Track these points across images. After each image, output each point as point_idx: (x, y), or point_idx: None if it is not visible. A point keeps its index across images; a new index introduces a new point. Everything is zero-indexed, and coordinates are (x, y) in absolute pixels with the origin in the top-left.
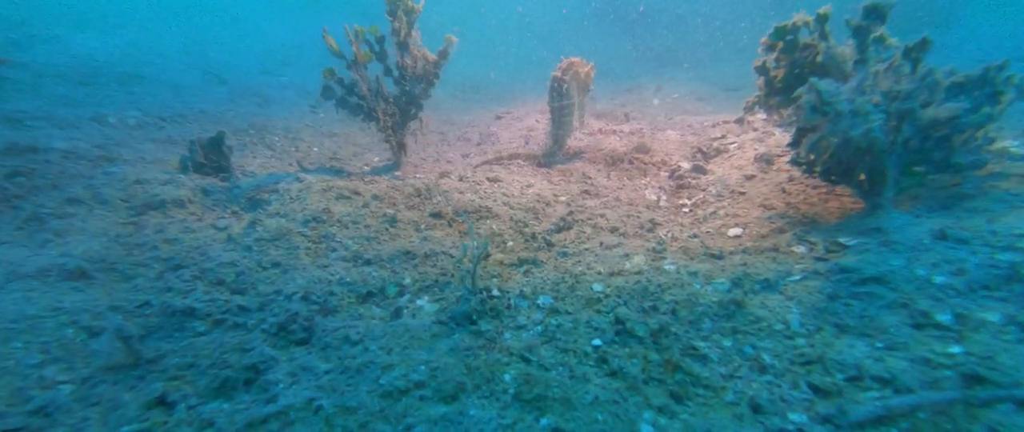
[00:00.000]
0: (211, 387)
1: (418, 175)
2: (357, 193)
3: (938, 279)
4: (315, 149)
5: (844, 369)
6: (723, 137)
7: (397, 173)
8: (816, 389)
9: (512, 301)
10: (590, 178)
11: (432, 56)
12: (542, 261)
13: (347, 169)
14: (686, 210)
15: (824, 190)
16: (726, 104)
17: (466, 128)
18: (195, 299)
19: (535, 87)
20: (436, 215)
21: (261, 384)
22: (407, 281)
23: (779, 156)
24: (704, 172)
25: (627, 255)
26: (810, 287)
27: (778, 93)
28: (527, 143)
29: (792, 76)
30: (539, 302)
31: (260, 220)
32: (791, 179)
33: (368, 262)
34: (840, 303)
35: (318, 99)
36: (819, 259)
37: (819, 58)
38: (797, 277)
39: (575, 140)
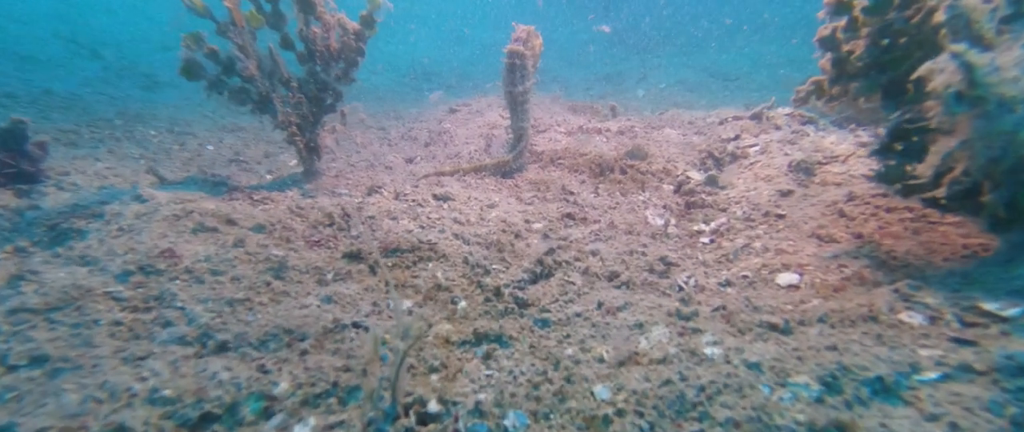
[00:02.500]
0: None
1: (339, 191)
2: (231, 222)
3: None
4: (210, 147)
5: None
6: (738, 138)
7: (309, 186)
8: None
9: (463, 424)
10: (573, 193)
11: (353, 24)
12: (511, 337)
13: (235, 180)
14: (706, 240)
15: (908, 215)
16: (722, 95)
17: (414, 123)
18: None
19: (496, 76)
20: (353, 257)
21: None
22: (282, 387)
23: (821, 163)
24: (721, 185)
25: (640, 325)
26: (965, 397)
27: (855, 76)
28: (489, 146)
29: (878, 50)
30: (507, 424)
31: (36, 272)
32: (850, 198)
33: (223, 348)
34: None
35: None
36: (959, 340)
37: (939, 16)
38: (933, 375)
39: (550, 141)
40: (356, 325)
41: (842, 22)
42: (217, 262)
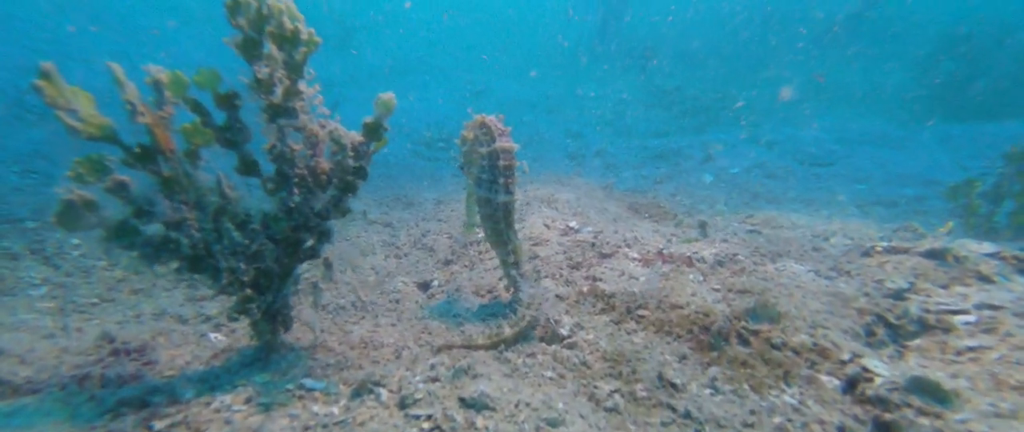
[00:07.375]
0: None
1: (312, 386)
2: None
3: None
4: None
5: None
6: (915, 289)
7: (266, 377)
8: None
9: None
10: (676, 388)
11: (352, 136)
12: None
13: (155, 346)
14: None
15: None
16: (817, 188)
17: (430, 221)
18: None
19: (538, 144)
20: None
21: None
22: None
23: None
24: (939, 396)
25: None
26: None
27: None
28: (539, 273)
29: None
30: None
31: None
32: None
33: None
34: None
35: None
36: None
37: None
38: None
39: (622, 277)
40: None
41: None
42: None
